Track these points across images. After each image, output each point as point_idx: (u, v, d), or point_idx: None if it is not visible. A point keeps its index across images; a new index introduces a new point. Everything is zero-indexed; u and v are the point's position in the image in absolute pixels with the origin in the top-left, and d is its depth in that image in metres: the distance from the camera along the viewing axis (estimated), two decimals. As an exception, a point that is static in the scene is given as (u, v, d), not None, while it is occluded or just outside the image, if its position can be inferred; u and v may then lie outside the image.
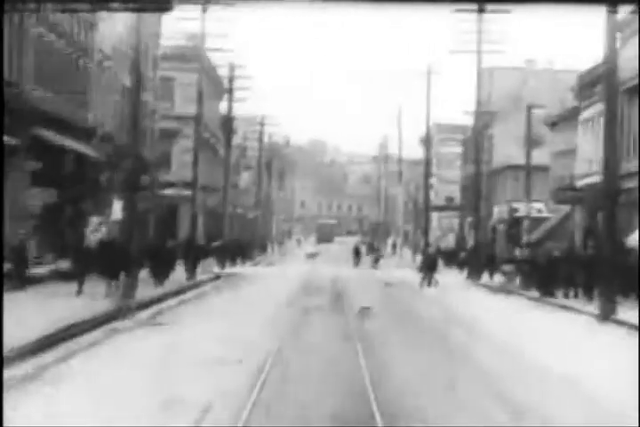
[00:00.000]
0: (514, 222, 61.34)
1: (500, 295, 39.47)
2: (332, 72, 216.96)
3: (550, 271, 36.37)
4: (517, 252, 48.07)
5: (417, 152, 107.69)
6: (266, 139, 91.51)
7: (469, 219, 79.34)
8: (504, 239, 63.68)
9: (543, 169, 52.20)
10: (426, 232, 76.84)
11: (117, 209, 43.54)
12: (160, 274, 36.86)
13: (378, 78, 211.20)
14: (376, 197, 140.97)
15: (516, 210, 62.41)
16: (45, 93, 30.75)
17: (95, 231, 38.31)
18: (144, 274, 35.27)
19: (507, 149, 67.40)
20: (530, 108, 40.99)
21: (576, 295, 34.61)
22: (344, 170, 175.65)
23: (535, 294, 37.19)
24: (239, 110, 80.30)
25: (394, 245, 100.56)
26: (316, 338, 20.62)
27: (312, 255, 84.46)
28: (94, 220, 38.02)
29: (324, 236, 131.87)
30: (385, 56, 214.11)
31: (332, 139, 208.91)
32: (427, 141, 78.17)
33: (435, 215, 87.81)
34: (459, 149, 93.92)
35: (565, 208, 47.82)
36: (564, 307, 31.99)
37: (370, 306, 27.66)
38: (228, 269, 52.85)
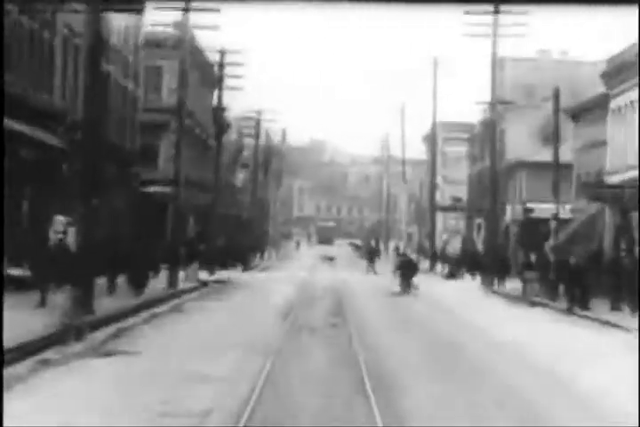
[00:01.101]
0: (529, 224, 56.82)
1: (523, 307, 34.74)
2: (334, 71, 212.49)
3: (583, 279, 31.61)
4: (532, 257, 43.14)
5: (419, 152, 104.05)
6: (263, 136, 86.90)
7: (478, 220, 74.88)
8: (517, 242, 58.78)
9: (562, 166, 47.24)
10: (432, 234, 72.17)
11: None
12: (138, 281, 32.34)
13: (380, 78, 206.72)
14: (377, 199, 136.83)
15: (530, 210, 57.99)
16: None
17: (61, 232, 33.49)
18: (121, 281, 31.11)
19: (520, 144, 62.59)
20: (557, 92, 36.06)
21: (617, 308, 29.87)
22: (344, 170, 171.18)
23: (563, 304, 32.60)
24: (235, 108, 76.18)
25: (397, 249, 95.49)
26: (314, 380, 15.50)
27: (329, 258, 79.24)
28: (60, 219, 33.14)
29: (324, 238, 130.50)
30: (388, 56, 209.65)
31: (331, 139, 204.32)
32: (432, 138, 73.65)
33: (439, 217, 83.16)
34: (464, 148, 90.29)
35: (589, 209, 42.90)
36: (606, 323, 27.24)
37: None
38: (219, 275, 48.07)
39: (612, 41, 69.60)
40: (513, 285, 41.80)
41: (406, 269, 39.66)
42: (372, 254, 60.18)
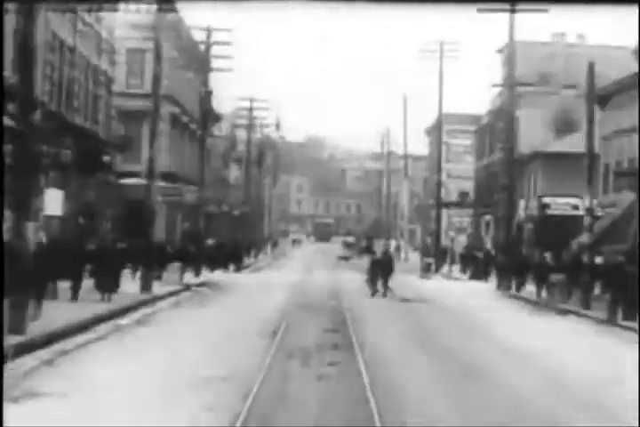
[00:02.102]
0: (547, 221, 52.39)
1: (551, 315, 29.97)
2: (335, 68, 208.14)
3: (626, 284, 26.87)
4: (548, 256, 38.39)
5: (420, 147, 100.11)
6: (257, 129, 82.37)
7: (486, 217, 70.19)
8: (532, 241, 54.09)
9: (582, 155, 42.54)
10: (438, 232, 67.35)
11: (53, 200, 34.13)
12: (105, 286, 27.84)
13: (378, 75, 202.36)
14: (376, 195, 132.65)
15: (547, 206, 53.56)
16: None
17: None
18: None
19: (533, 134, 57.92)
20: (592, 67, 31.11)
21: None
22: (343, 166, 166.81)
23: (599, 313, 27.97)
24: (229, 100, 71.92)
25: (397, 247, 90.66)
26: None
27: (344, 258, 74.99)
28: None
29: (322, 235, 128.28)
30: (387, 52, 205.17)
31: (330, 135, 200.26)
32: (438, 127, 69.01)
33: (444, 214, 78.62)
34: (467, 141, 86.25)
35: (621, 202, 38.18)
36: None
37: None
38: (205, 277, 43.42)
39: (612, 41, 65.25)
40: (531, 288, 37.28)
41: (378, 269, 35.57)
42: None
